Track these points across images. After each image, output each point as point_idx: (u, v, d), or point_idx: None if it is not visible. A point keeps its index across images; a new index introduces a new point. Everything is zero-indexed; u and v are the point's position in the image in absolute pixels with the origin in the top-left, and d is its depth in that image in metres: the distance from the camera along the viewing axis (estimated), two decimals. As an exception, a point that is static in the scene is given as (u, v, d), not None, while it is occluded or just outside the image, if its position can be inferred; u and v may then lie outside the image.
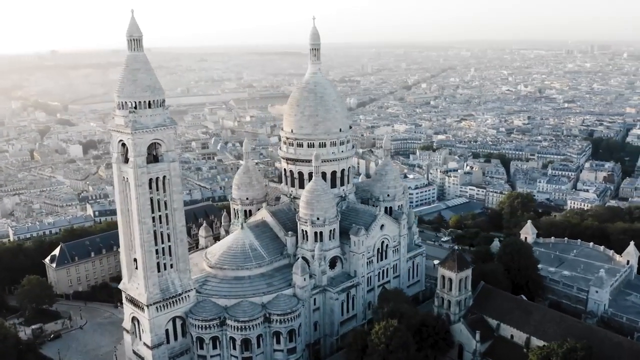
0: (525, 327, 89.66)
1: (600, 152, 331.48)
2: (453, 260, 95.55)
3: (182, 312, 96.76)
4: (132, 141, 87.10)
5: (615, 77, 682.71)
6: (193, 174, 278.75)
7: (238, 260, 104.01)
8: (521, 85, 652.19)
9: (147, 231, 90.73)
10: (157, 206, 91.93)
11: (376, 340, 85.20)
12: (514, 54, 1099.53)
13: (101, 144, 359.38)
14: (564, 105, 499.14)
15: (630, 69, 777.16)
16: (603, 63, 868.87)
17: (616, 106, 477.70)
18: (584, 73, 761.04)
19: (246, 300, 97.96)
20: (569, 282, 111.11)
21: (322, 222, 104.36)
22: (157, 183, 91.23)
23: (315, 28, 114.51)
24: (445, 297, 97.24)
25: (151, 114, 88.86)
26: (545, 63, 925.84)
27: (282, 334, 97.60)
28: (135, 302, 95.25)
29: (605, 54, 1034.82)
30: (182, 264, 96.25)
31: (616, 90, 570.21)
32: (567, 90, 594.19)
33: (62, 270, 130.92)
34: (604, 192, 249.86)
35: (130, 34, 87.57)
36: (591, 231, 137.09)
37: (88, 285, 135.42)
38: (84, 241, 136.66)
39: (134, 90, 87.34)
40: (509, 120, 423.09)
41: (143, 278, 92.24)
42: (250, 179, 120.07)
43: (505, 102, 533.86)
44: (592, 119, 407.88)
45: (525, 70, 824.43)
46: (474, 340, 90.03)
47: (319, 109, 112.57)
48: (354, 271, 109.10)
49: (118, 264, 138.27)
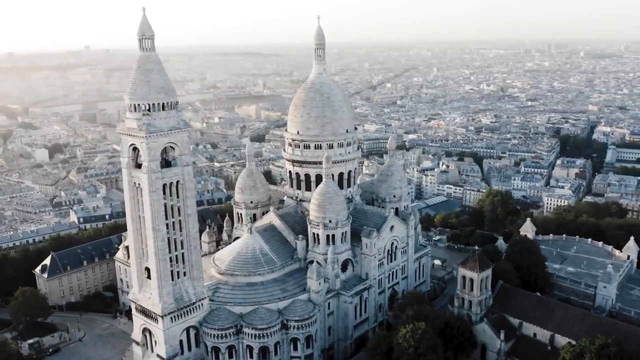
0: (549, 325, 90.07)
1: (567, 149, 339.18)
2: (474, 261, 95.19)
3: (196, 321, 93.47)
4: (146, 145, 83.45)
5: (574, 76, 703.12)
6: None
7: (249, 266, 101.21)
8: (484, 84, 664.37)
9: (161, 238, 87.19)
10: (171, 212, 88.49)
11: (404, 343, 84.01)
12: (474, 53, 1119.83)
13: (67, 148, 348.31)
14: (528, 103, 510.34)
15: (588, 67, 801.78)
16: (561, 62, 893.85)
17: (578, 104, 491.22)
18: (543, 72, 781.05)
19: (262, 307, 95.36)
20: (576, 278, 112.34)
21: (334, 225, 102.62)
22: (170, 188, 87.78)
23: (320, 27, 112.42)
24: (466, 298, 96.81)
25: (165, 117, 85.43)
26: (504, 62, 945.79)
27: (299, 340, 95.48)
28: (148, 312, 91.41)
29: (562, 52, 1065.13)
30: (195, 272, 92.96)
31: (576, 89, 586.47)
32: (529, 89, 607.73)
33: (54, 281, 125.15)
34: (578, 188, 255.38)
35: (142, 32, 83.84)
36: (587, 227, 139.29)
37: (81, 295, 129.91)
38: (75, 249, 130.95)
39: (147, 92, 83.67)
40: (476, 119, 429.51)
41: (157, 287, 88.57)
42: (254, 182, 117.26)
43: (470, 101, 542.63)
44: (557, 117, 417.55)
45: (486, 70, 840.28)
46: (499, 339, 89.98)
47: (326, 110, 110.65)
48: (366, 274, 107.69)
49: (111, 272, 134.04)
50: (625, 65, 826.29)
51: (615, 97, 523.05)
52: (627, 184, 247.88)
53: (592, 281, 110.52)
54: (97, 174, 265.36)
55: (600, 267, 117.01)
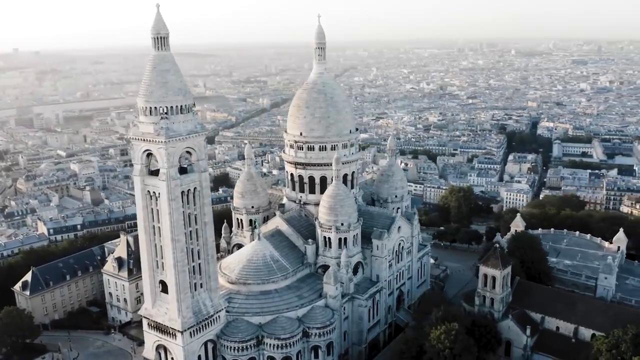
0: (572, 318, 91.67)
1: (513, 144, 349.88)
2: (496, 258, 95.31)
3: (213, 334, 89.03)
4: (165, 151, 78.41)
5: (508, 73, 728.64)
6: (122, 182, 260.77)
7: (262, 273, 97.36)
8: (423, 83, 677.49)
9: (180, 249, 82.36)
10: (188, 221, 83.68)
11: (439, 345, 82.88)
12: (409, 53, 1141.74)
13: (8, 155, 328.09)
14: (468, 101, 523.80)
15: (520, 65, 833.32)
16: (494, 60, 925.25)
17: (517, 100, 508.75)
18: (479, 70, 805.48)
19: (282, 315, 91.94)
20: (576, 270, 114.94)
21: (346, 228, 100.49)
22: (187, 196, 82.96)
23: (321, 26, 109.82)
24: (487, 295, 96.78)
25: (183, 120, 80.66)
26: (440, 61, 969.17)
27: (320, 347, 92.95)
28: (164, 328, 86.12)
29: (493, 51, 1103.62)
30: (213, 283, 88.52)
31: (512, 86, 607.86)
32: (467, 87, 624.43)
33: (37, 298, 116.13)
34: (533, 182, 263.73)
35: (157, 31, 78.74)
36: (571, 221, 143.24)
37: (65, 312, 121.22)
38: (56, 263, 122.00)
39: (164, 94, 78.64)
40: (422, 118, 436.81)
41: (176, 301, 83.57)
42: (254, 186, 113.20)
43: (413, 99, 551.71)
44: (501, 114, 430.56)
45: (423, 69, 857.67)
46: (525, 335, 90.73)
47: (330, 110, 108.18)
48: (377, 276, 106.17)
49: (94, 286, 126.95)
50: (556, 62, 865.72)
51: (550, 93, 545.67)
52: (580, 177, 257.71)
53: (590, 273, 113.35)
54: (46, 182, 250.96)
55: (595, 259, 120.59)
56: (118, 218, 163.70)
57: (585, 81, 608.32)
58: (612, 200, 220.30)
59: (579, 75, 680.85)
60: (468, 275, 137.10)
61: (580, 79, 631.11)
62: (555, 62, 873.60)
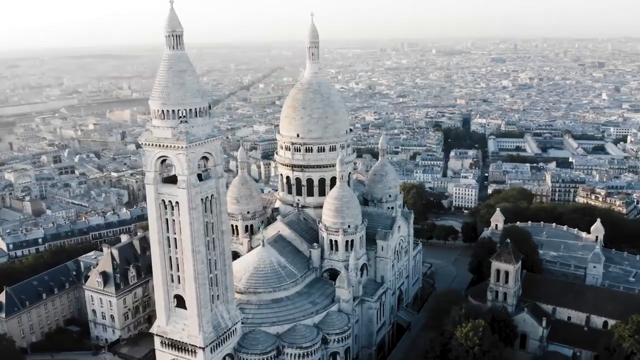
0: (583, 307, 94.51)
1: (449, 141, 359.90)
2: (509, 253, 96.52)
3: (231, 348, 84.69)
4: (186, 156, 73.42)
5: (433, 72, 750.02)
6: (62, 191, 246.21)
7: (272, 281, 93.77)
8: (352, 82, 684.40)
9: (201, 261, 77.50)
10: (206, 230, 79.01)
11: (468, 343, 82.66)
12: (333, 53, 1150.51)
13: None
14: (399, 100, 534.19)
15: (442, 63, 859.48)
16: (416, 59, 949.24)
17: (445, 98, 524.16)
18: (403, 69, 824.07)
19: (300, 323, 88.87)
20: (564, 261, 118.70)
21: (353, 230, 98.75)
22: (205, 204, 78.25)
23: (314, 25, 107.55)
24: (500, 290, 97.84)
25: (202, 123, 75.86)
26: (364, 61, 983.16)
27: (339, 353, 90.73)
28: (181, 346, 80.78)
29: (415, 50, 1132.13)
30: (229, 294, 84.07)
31: (438, 84, 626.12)
32: (395, 86, 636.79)
33: (13, 320, 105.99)
34: (479, 178, 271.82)
35: (172, 28, 73.47)
36: (544, 214, 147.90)
37: (42, 334, 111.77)
38: (30, 282, 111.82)
39: (183, 96, 73.58)
40: (359, 117, 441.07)
41: (196, 316, 78.56)
42: (249, 190, 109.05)
43: (345, 99, 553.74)
44: (434, 112, 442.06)
45: (350, 69, 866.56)
46: (541, 327, 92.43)
47: (328, 111, 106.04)
48: (381, 277, 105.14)
49: (71, 303, 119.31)
50: (476, 60, 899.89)
51: (475, 90, 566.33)
52: (522, 170, 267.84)
53: (577, 263, 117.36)
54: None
55: (577, 250, 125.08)
56: (82, 229, 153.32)
57: (507, 78, 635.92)
58: (557, 192, 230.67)
59: (499, 72, 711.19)
60: (452, 270, 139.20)
61: (501, 77, 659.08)
62: (475, 60, 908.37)
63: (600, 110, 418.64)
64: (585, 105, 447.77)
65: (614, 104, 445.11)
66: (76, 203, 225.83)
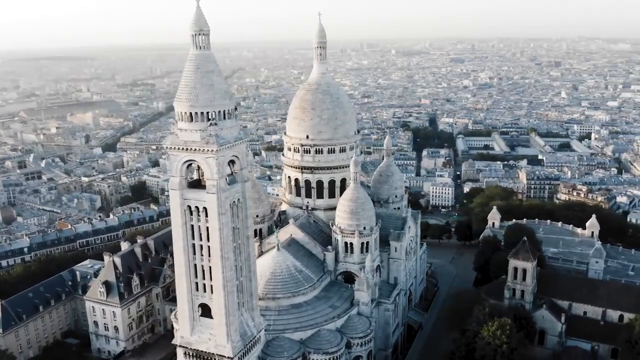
0: (598, 302, 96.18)
1: (418, 140, 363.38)
2: (526, 251, 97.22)
3: (256, 356, 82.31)
4: (216, 160, 70.87)
5: (394, 72, 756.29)
6: (32, 197, 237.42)
7: (290, 286, 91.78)
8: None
9: (230, 267, 75.00)
10: (234, 236, 76.55)
11: (496, 341, 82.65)
12: (294, 53, 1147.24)
13: None
14: (364, 100, 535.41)
15: (403, 64, 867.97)
16: (377, 60, 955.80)
17: (408, 98, 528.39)
18: (365, 69, 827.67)
19: (323, 329, 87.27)
20: (566, 257, 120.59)
21: (369, 231, 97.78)
22: (232, 209, 75.79)
23: (322, 25, 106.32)
24: (517, 288, 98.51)
25: (230, 126, 73.50)
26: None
27: (362, 357, 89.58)
28: (208, 356, 77.94)
29: (374, 51, 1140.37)
30: (254, 301, 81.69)
31: (400, 84, 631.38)
32: (358, 87, 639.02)
33: (11, 335, 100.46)
34: (454, 176, 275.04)
35: (199, 27, 70.79)
36: (536, 211, 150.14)
37: (39, 348, 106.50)
38: (25, 294, 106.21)
39: (212, 98, 70.94)
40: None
41: (224, 326, 75.92)
42: (258, 194, 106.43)
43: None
44: (401, 111, 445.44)
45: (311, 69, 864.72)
46: (560, 323, 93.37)
47: (337, 111, 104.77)
48: (394, 278, 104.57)
49: (68, 315, 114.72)
50: (435, 61, 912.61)
51: (437, 90, 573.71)
52: (495, 168, 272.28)
53: (579, 258, 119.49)
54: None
55: (575, 245, 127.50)
56: (69, 237, 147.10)
57: (467, 78, 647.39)
58: (532, 189, 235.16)
59: (459, 72, 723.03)
60: (451, 269, 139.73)
61: (461, 76, 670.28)
62: (435, 60, 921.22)
63: (561, 108, 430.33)
64: (546, 103, 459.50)
65: (574, 102, 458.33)
66: (47, 209, 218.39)
